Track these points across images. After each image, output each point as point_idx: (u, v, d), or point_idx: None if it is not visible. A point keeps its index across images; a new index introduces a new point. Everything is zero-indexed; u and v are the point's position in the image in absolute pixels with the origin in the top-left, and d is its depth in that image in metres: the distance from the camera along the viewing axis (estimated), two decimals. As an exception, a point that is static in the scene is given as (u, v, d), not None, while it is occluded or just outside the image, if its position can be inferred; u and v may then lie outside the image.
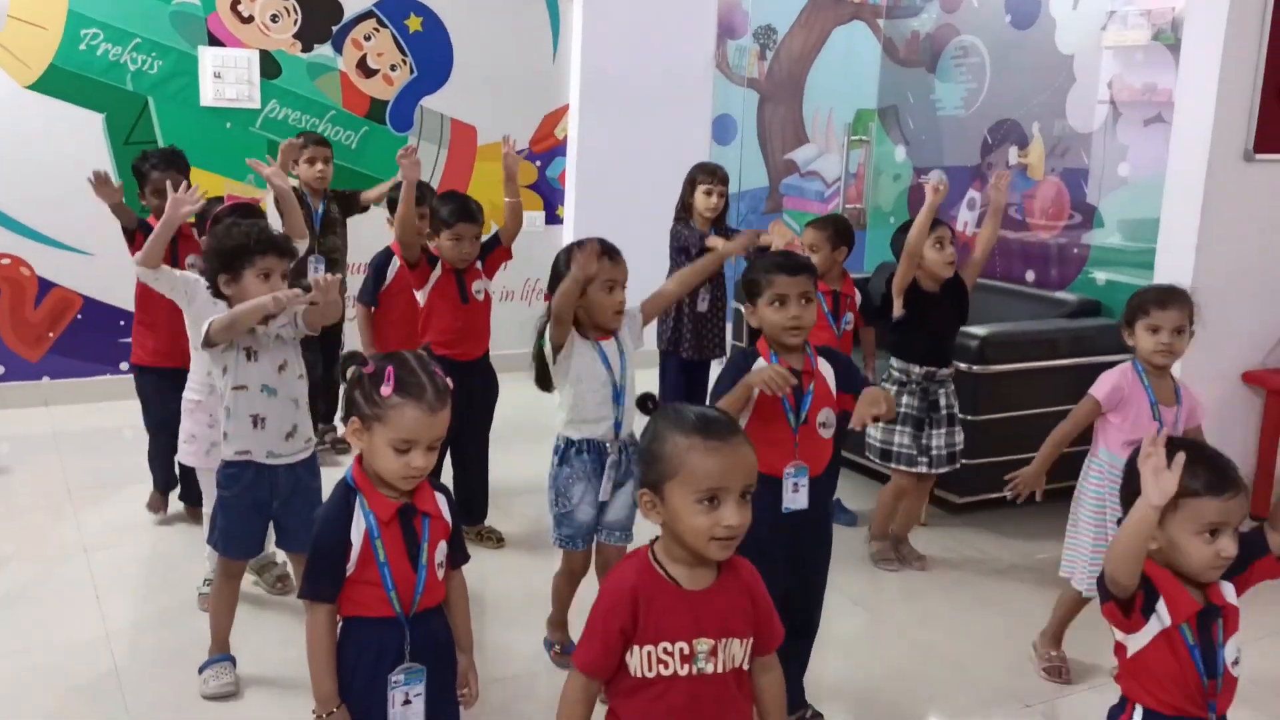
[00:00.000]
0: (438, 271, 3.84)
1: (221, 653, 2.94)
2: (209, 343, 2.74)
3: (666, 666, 1.68)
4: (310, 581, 1.96)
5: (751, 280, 2.63)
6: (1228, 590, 1.91)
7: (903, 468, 3.78)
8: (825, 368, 2.67)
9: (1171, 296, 3.03)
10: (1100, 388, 3.06)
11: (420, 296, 3.86)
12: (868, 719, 2.99)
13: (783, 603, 2.63)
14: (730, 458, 1.66)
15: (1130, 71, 4.74)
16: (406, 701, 1.96)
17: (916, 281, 3.68)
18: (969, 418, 4.04)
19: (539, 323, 2.98)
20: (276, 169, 3.60)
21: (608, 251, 2.82)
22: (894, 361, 3.82)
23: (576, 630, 2.13)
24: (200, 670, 2.92)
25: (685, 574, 1.71)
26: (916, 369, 3.75)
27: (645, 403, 2.66)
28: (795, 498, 2.62)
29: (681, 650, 1.68)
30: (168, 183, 3.27)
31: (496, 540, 3.96)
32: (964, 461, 4.02)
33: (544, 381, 2.97)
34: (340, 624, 1.99)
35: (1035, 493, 3.15)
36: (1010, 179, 3.31)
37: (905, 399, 3.76)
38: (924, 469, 3.78)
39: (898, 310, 3.69)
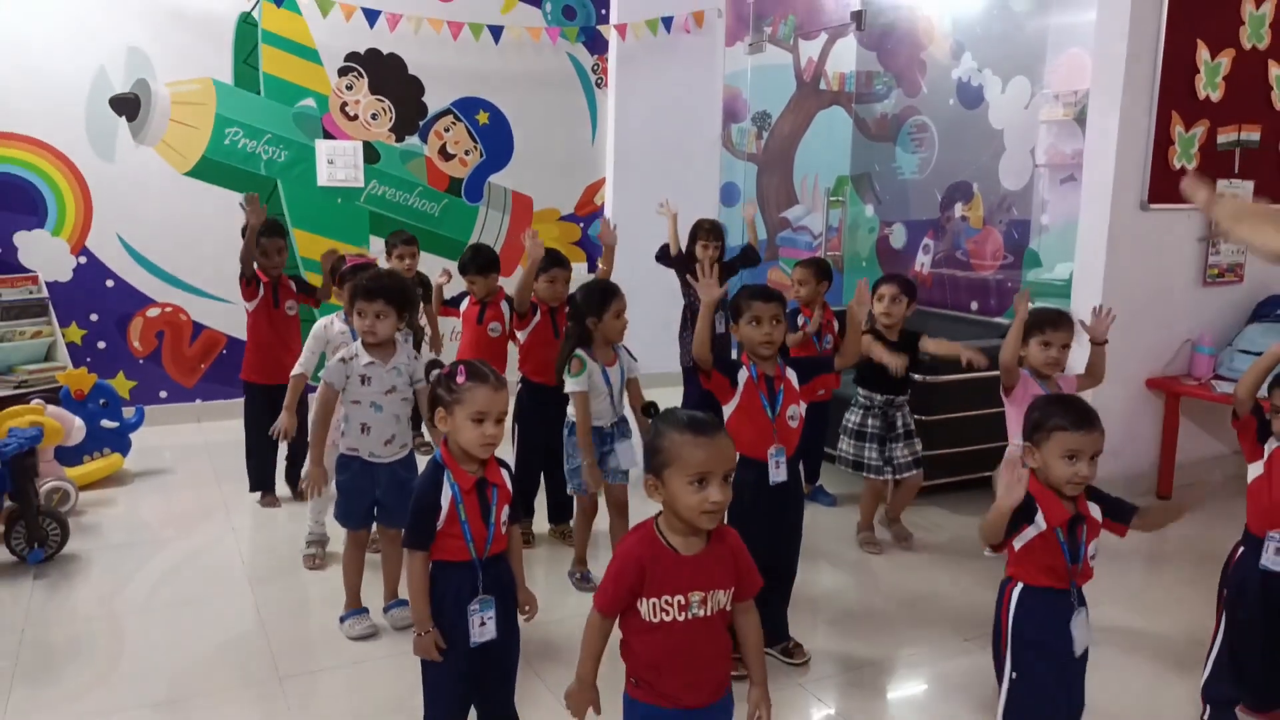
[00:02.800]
0: (538, 316, 3.87)
1: (355, 606, 3.14)
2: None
3: (668, 614, 1.80)
4: (411, 534, 2.16)
5: (735, 305, 2.85)
6: (1094, 509, 2.15)
7: (873, 476, 3.85)
8: (790, 374, 2.86)
9: (1062, 319, 3.25)
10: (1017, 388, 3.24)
11: (521, 335, 3.91)
12: (839, 646, 3.12)
13: (769, 553, 2.85)
14: (714, 449, 1.76)
15: (1048, 140, 4.90)
16: (482, 624, 2.16)
17: (880, 334, 3.77)
18: (925, 418, 4.18)
19: (569, 344, 3.30)
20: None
21: (614, 288, 3.27)
22: (860, 390, 3.90)
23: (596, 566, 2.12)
24: (341, 621, 3.11)
25: (682, 542, 1.82)
26: (879, 396, 3.84)
27: (648, 409, 2.99)
28: (777, 473, 2.82)
29: (679, 601, 1.79)
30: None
31: (529, 539, 3.87)
32: (921, 454, 4.17)
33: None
34: (431, 565, 2.19)
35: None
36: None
37: (870, 420, 3.85)
38: (889, 475, 3.86)
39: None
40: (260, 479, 4.32)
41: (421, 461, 3.09)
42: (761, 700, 1.91)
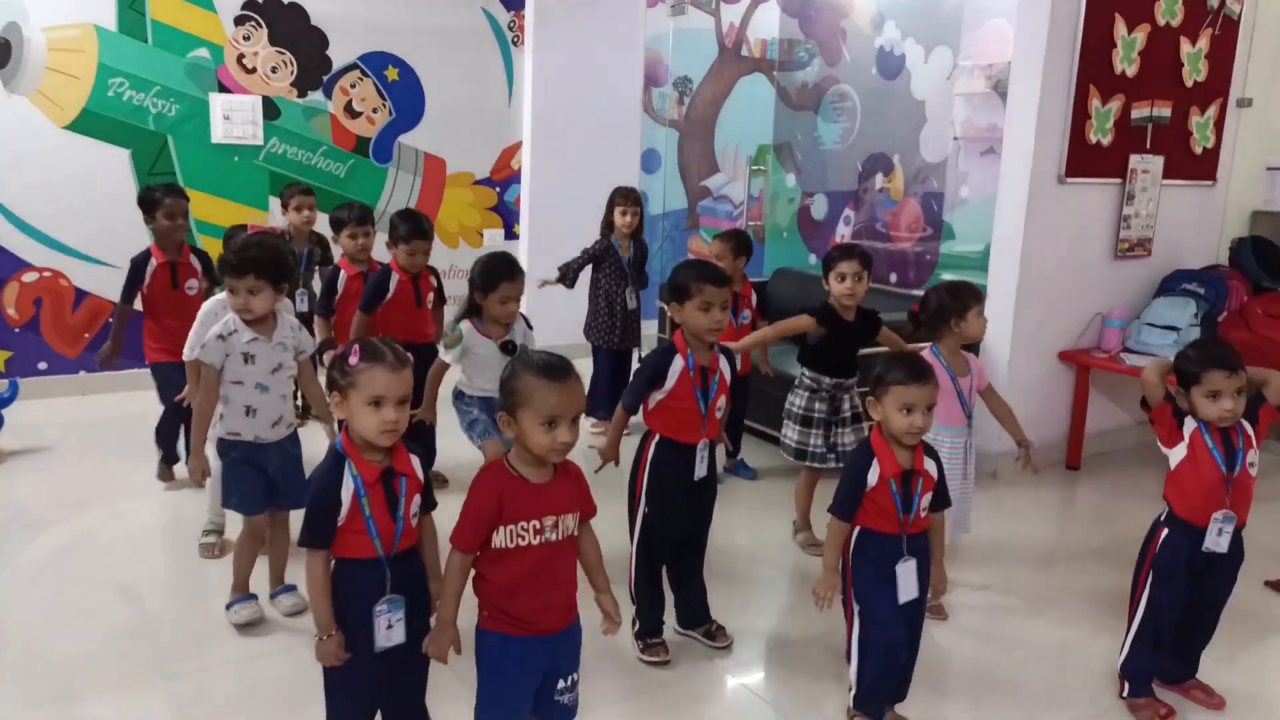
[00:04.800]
0: (394, 284, 3.80)
1: (243, 593, 2.93)
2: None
3: (524, 539, 1.90)
4: (309, 532, 1.97)
5: (682, 286, 2.59)
6: (930, 466, 2.32)
7: (816, 465, 3.50)
8: (724, 365, 2.71)
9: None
10: None
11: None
12: (763, 627, 3.06)
13: (684, 540, 2.77)
14: (566, 394, 1.86)
15: (968, 112, 4.87)
16: (389, 626, 1.99)
17: (835, 311, 3.39)
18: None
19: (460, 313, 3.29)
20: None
21: (510, 270, 3.13)
22: (806, 371, 3.53)
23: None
24: (227, 607, 2.90)
25: (532, 472, 1.93)
26: (827, 380, 3.48)
27: (507, 346, 3.11)
28: (702, 467, 2.71)
29: (534, 526, 1.90)
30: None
31: (441, 482, 3.91)
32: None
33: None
34: (333, 564, 2.01)
35: None
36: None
37: (817, 405, 3.48)
38: (833, 464, 3.46)
39: (817, 331, 3.42)
40: (166, 451, 4.02)
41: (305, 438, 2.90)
42: (611, 604, 2.07)
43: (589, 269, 4.74)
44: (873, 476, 2.27)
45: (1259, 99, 5.00)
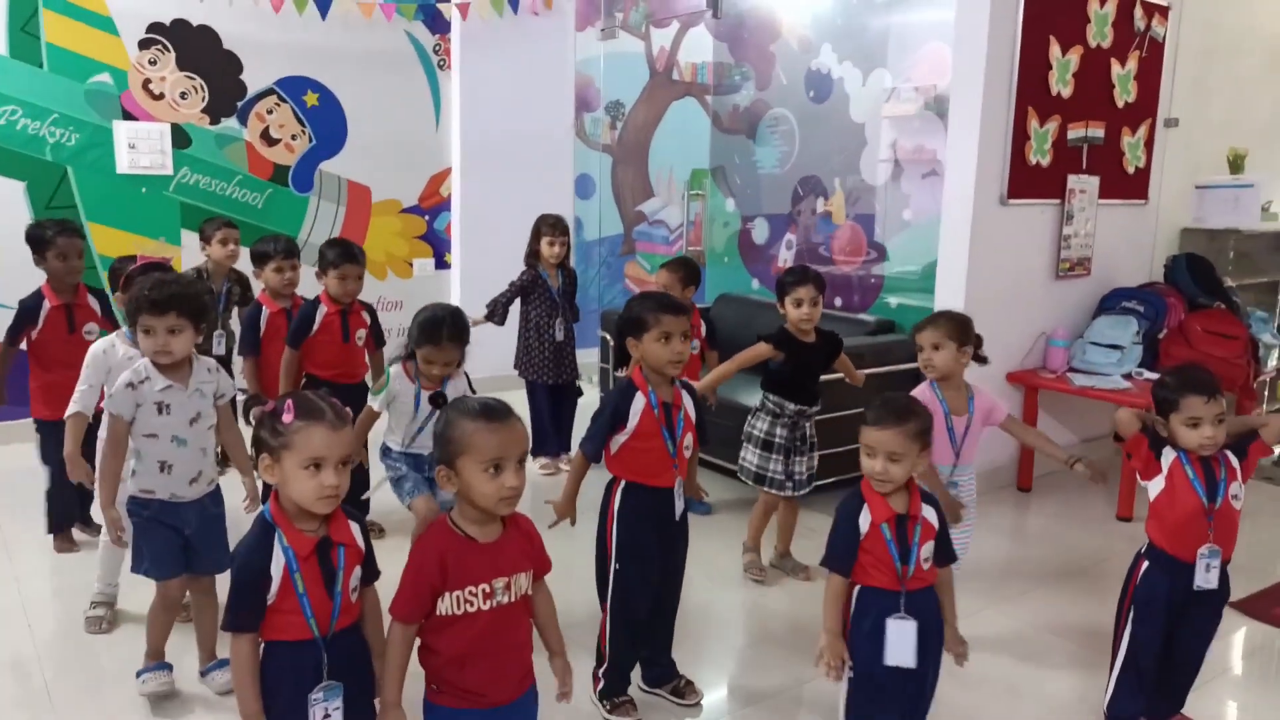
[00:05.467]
0: (320, 315, 3.59)
1: (157, 660, 2.62)
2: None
3: (472, 605, 1.74)
4: (232, 614, 1.73)
5: (638, 318, 2.45)
6: (929, 513, 2.11)
7: (774, 491, 3.43)
8: (688, 400, 2.55)
9: (928, 321, 2.98)
10: None
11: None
12: (732, 679, 2.89)
13: (655, 592, 2.57)
14: (508, 434, 1.73)
15: (908, 136, 4.84)
16: (326, 716, 1.76)
17: (793, 336, 3.32)
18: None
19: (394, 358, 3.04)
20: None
21: (436, 335, 2.83)
22: (770, 396, 3.42)
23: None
24: (138, 675, 2.60)
25: (479, 530, 1.77)
26: (790, 405, 3.38)
27: (435, 399, 2.85)
28: (679, 507, 2.54)
29: (484, 590, 1.75)
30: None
31: (378, 532, 3.72)
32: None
33: None
34: (262, 646, 1.77)
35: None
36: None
37: (779, 430, 3.40)
38: (790, 492, 3.44)
39: (776, 357, 3.34)
40: (58, 519, 3.64)
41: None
42: (564, 670, 1.93)
43: (518, 301, 4.55)
44: (864, 523, 2.09)
45: (1184, 119, 5.09)
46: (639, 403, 2.44)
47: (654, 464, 2.46)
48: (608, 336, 5.05)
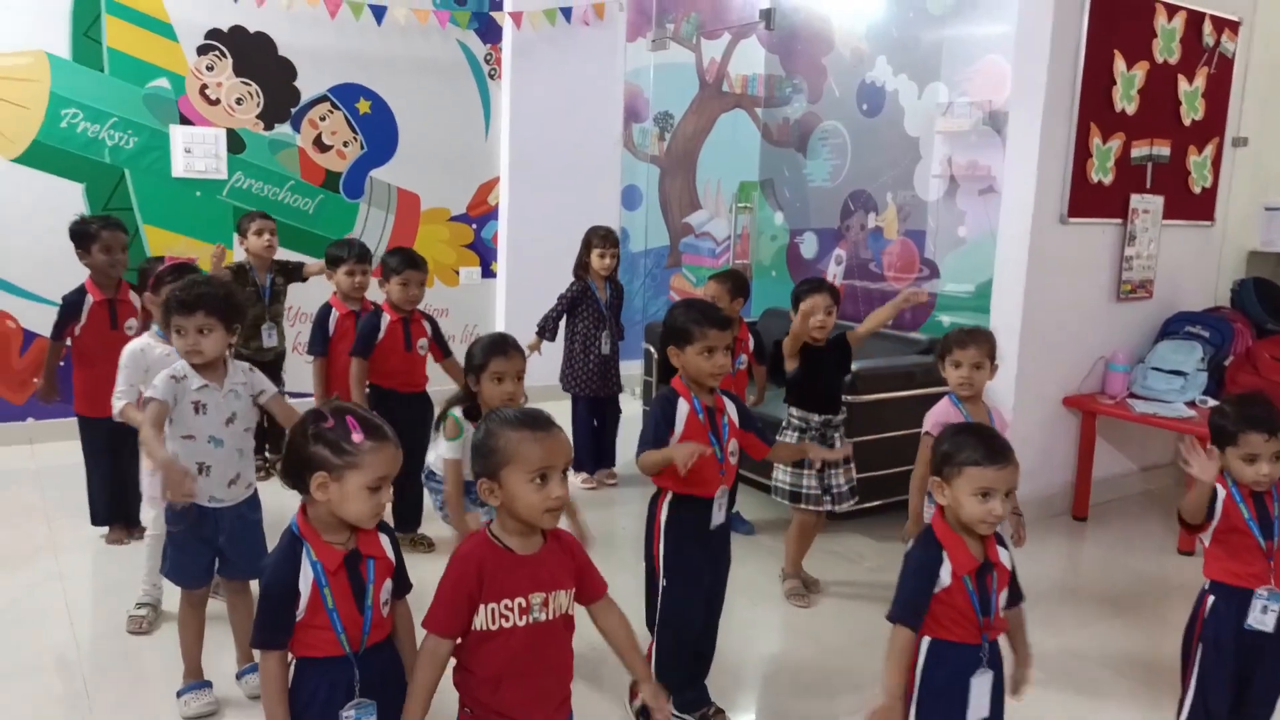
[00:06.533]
0: (385, 323, 3.59)
1: (195, 679, 2.60)
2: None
3: (508, 620, 1.67)
4: (261, 631, 1.69)
5: (682, 329, 2.42)
6: (1004, 555, 1.96)
7: (811, 508, 3.37)
8: (730, 406, 2.51)
9: (970, 337, 2.88)
10: (928, 422, 2.88)
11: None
12: (768, 707, 2.80)
13: (708, 604, 2.50)
14: (553, 443, 1.69)
15: (963, 151, 4.72)
16: (358, 734, 1.71)
17: (808, 343, 3.34)
18: (853, 439, 3.93)
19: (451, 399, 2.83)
20: None
21: (501, 347, 2.69)
22: (794, 411, 3.42)
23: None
24: (179, 695, 2.57)
25: (519, 543, 1.71)
26: (815, 417, 3.36)
27: (471, 411, 2.70)
28: (719, 515, 2.48)
29: (520, 604, 1.68)
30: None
31: (427, 546, 3.71)
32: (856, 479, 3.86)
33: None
34: (293, 664, 1.73)
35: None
36: (924, 297, 3.15)
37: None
38: (829, 506, 3.39)
39: (791, 367, 3.38)
40: (104, 513, 3.67)
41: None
42: (656, 692, 1.81)
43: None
44: (945, 575, 1.88)
45: (1254, 138, 4.90)
46: (683, 408, 2.41)
47: (702, 470, 2.38)
48: (652, 349, 4.99)
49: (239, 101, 5.30)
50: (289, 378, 4.68)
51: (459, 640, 1.70)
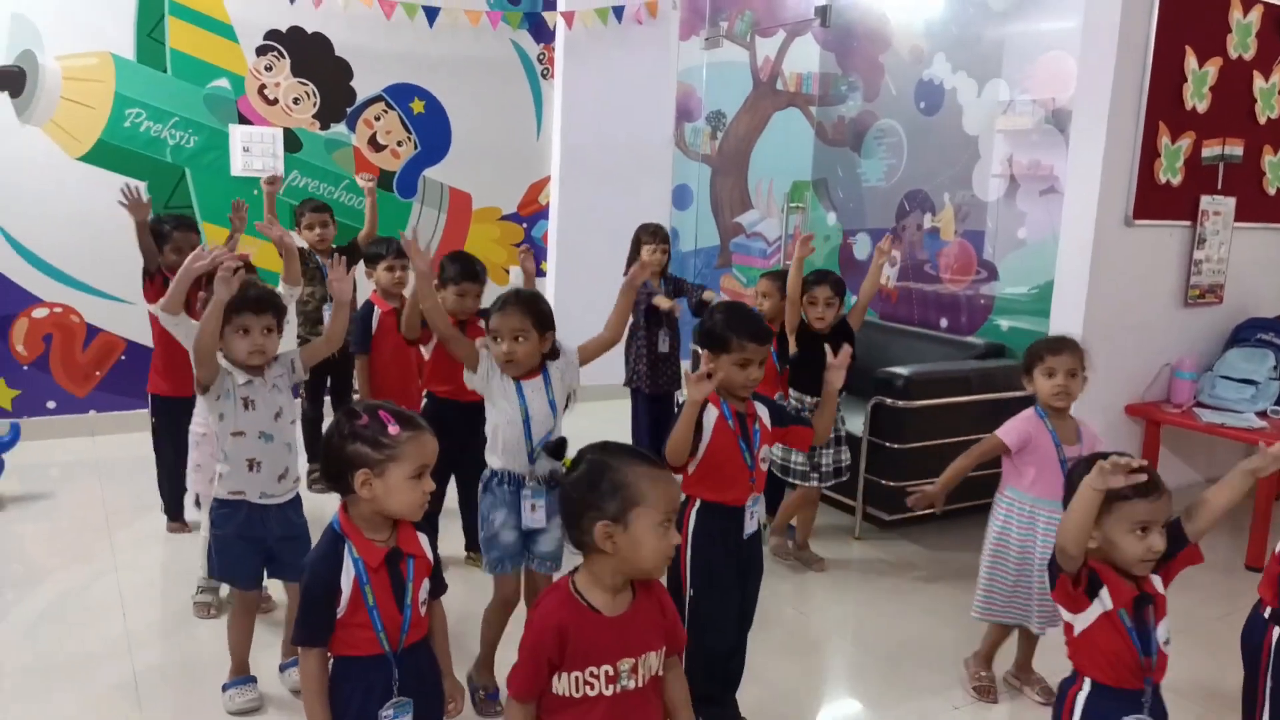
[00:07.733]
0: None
1: (242, 674, 2.64)
2: (202, 388, 2.46)
3: (592, 688, 1.53)
4: (302, 628, 1.70)
5: (721, 337, 2.35)
6: (1156, 581, 1.84)
7: (798, 482, 3.63)
8: (762, 410, 2.45)
9: (1063, 343, 2.75)
10: (1009, 434, 2.72)
11: (425, 351, 3.50)
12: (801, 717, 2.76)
13: (739, 620, 2.45)
14: (674, 486, 1.59)
15: (1024, 150, 4.59)
16: (395, 734, 1.71)
17: (807, 324, 3.51)
18: (895, 446, 3.86)
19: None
20: (278, 229, 3.17)
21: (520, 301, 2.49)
22: (791, 392, 3.61)
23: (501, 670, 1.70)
24: (224, 689, 2.61)
25: (607, 601, 1.55)
26: (809, 399, 3.52)
27: (558, 449, 2.41)
28: (750, 524, 2.42)
29: (607, 672, 1.53)
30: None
31: (478, 562, 3.67)
32: (891, 484, 3.82)
33: None
34: (332, 662, 1.74)
35: (936, 508, 2.90)
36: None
37: None
38: (815, 483, 3.62)
39: (792, 348, 3.55)
40: (177, 503, 3.76)
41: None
42: None
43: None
44: (1095, 608, 1.77)
45: (1334, 137, 4.69)
46: (711, 414, 2.34)
47: (732, 476, 2.34)
48: (699, 350, 4.94)
49: (296, 101, 5.39)
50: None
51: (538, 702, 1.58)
